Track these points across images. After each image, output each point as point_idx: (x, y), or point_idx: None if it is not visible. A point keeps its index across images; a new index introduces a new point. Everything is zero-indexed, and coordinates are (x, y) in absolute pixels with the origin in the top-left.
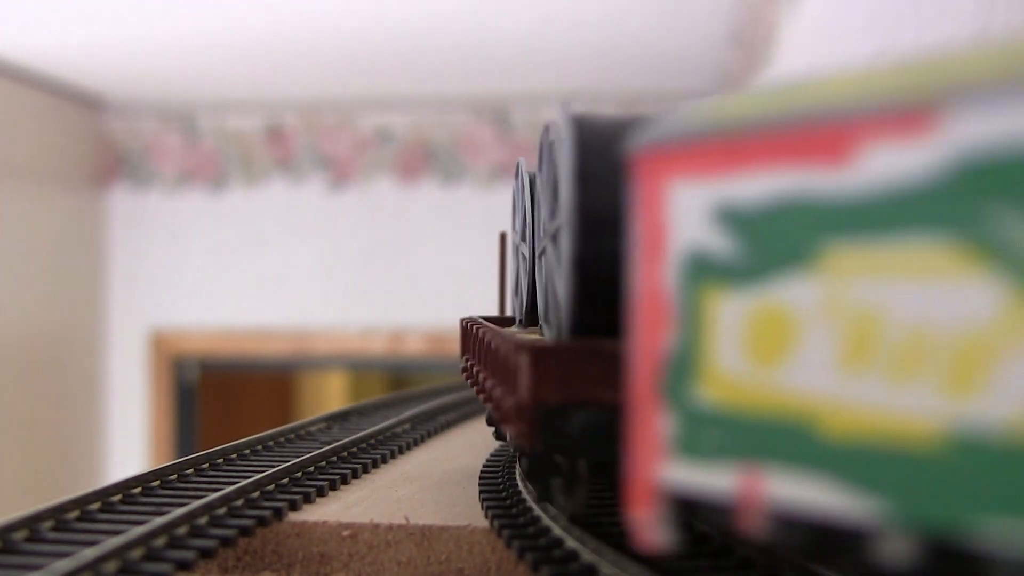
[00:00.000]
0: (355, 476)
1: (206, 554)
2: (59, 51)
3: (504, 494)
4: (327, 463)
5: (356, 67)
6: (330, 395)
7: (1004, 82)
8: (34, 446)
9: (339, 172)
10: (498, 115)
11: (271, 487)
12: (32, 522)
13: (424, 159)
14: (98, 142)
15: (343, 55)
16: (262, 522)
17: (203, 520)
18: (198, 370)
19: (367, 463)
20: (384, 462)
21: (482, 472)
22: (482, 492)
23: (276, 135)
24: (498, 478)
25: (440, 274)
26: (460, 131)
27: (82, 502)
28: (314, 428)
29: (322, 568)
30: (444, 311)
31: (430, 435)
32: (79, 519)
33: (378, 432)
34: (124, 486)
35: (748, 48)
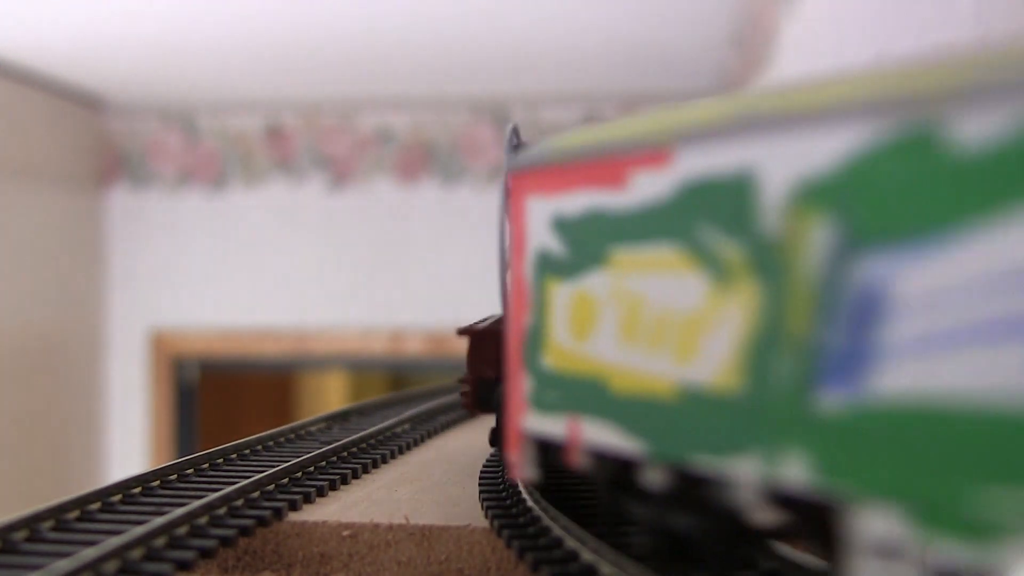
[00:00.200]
0: (355, 476)
1: (206, 554)
2: (59, 51)
3: (504, 494)
4: (327, 463)
5: (356, 67)
6: (330, 395)
7: (711, 129)
8: (34, 446)
9: (339, 172)
10: (498, 115)
11: (271, 487)
12: (32, 522)
13: (424, 159)
14: (98, 142)
15: (343, 55)
16: (262, 522)
17: (203, 520)
18: (198, 370)
19: (367, 463)
20: (384, 462)
21: (482, 472)
22: (482, 492)
23: (276, 135)
24: (498, 478)
25: (440, 274)
26: (460, 131)
27: (82, 502)
28: (314, 428)
29: (322, 568)
30: (444, 311)
31: (430, 435)
32: (79, 519)
33: (378, 432)
34: (124, 486)
35: (748, 48)
